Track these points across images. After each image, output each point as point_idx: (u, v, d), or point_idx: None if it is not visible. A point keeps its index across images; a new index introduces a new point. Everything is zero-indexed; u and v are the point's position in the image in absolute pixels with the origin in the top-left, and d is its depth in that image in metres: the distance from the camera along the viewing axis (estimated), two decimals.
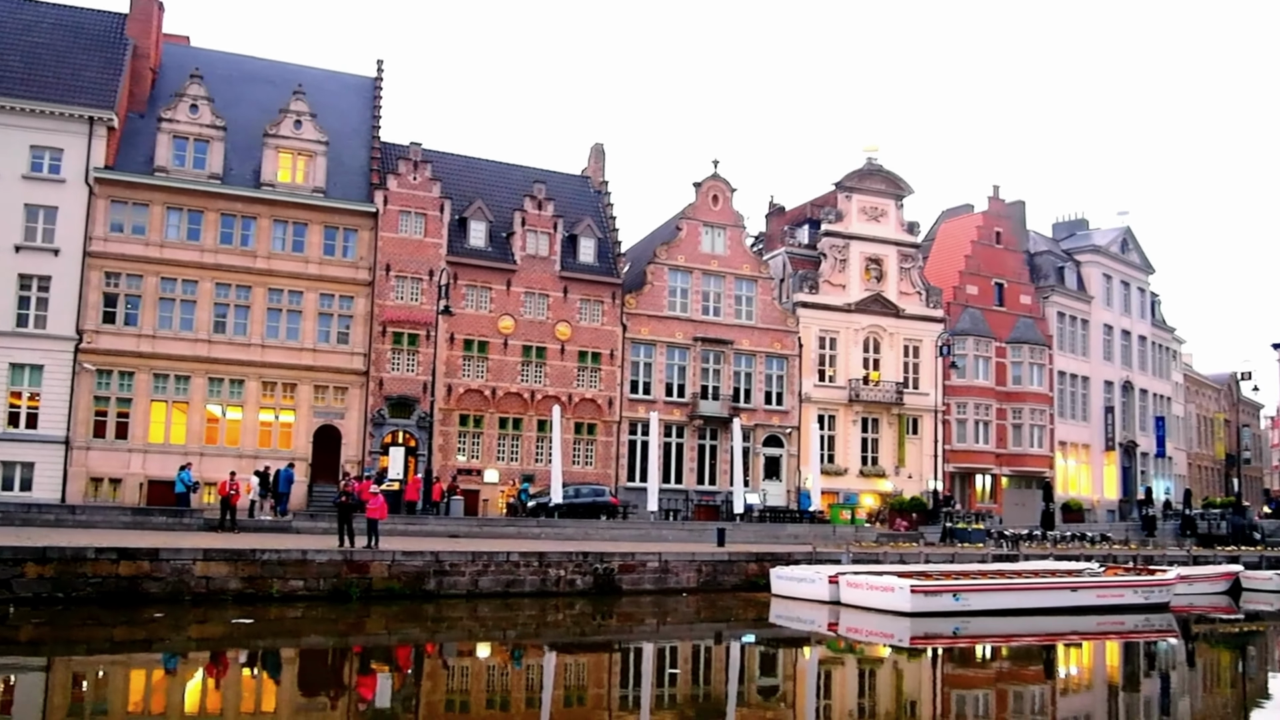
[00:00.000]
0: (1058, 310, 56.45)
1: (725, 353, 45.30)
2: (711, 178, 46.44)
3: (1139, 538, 47.11)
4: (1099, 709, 16.83)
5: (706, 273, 45.60)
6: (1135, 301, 63.01)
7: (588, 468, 42.47)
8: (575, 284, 43.32)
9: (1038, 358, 53.53)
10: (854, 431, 47.80)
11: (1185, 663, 22.40)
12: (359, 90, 45.91)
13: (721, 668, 19.63)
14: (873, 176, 50.17)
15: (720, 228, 46.23)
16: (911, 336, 49.82)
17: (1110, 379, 59.29)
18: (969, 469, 50.97)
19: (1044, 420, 53.22)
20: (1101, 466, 57.87)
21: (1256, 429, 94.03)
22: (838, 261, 48.68)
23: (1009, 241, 55.17)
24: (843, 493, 45.83)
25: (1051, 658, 22.14)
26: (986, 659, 21.50)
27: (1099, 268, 59.91)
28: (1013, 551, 36.30)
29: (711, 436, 44.70)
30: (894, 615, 24.36)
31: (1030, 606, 26.13)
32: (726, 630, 24.06)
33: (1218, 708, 17.26)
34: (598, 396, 43.01)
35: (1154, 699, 17.70)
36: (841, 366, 47.96)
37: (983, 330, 51.81)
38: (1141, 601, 28.40)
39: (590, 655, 20.08)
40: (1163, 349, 66.65)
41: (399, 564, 24.76)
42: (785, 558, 30.47)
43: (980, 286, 53.02)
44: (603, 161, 49.13)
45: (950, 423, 50.36)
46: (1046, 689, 18.49)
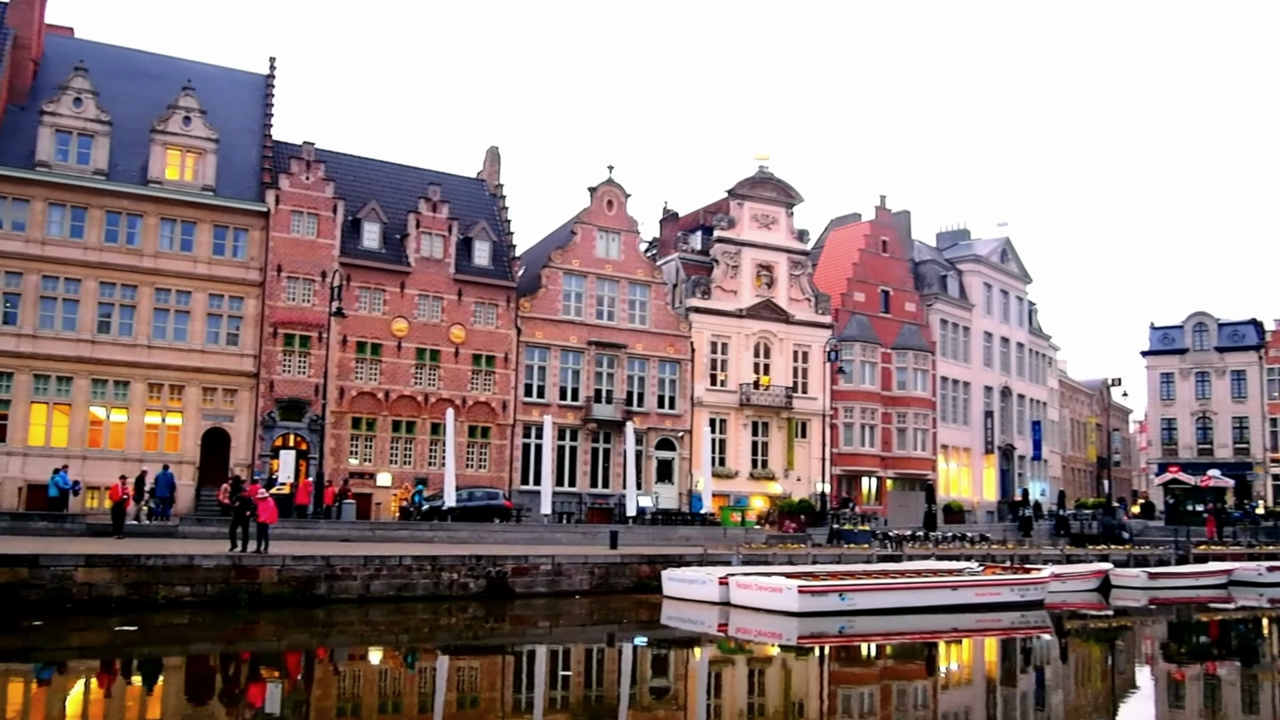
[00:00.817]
0: (941, 318, 58.12)
1: (619, 357, 45.64)
2: (606, 183, 46.75)
3: (1016, 538, 48.80)
4: (978, 704, 17.52)
5: (601, 277, 45.88)
6: (1014, 310, 65.19)
7: (481, 471, 42.38)
8: (470, 287, 43.20)
9: (921, 363, 55.03)
10: (745, 435, 48.57)
11: (1059, 658, 23.39)
12: (250, 87, 45.08)
13: (614, 669, 19.87)
14: (764, 184, 51.04)
15: (615, 233, 46.58)
16: (801, 342, 50.81)
17: (990, 384, 61.23)
18: (855, 472, 52.17)
19: (927, 424, 54.74)
20: (981, 469, 59.73)
21: (1126, 433, 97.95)
22: (730, 268, 49.41)
23: (895, 250, 56.62)
24: (733, 495, 46.53)
25: (933, 655, 22.90)
26: (871, 657, 22.16)
27: (980, 277, 61.85)
28: (896, 552, 37.27)
29: (605, 440, 44.98)
30: (782, 615, 24.90)
31: (913, 605, 26.95)
32: (618, 632, 24.31)
33: (1089, 701, 18.11)
34: (492, 400, 42.95)
35: (1029, 693, 18.49)
36: (733, 371, 48.69)
37: (869, 336, 53.09)
38: (1018, 599, 29.50)
39: (483, 658, 20.16)
40: (1039, 356, 69.06)
41: (289, 569, 24.49)
42: (677, 560, 30.86)
43: (867, 294, 54.33)
44: (498, 165, 49.07)
45: (838, 426, 51.47)
46: (928, 685, 19.17)
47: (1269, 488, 69.02)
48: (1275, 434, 69.83)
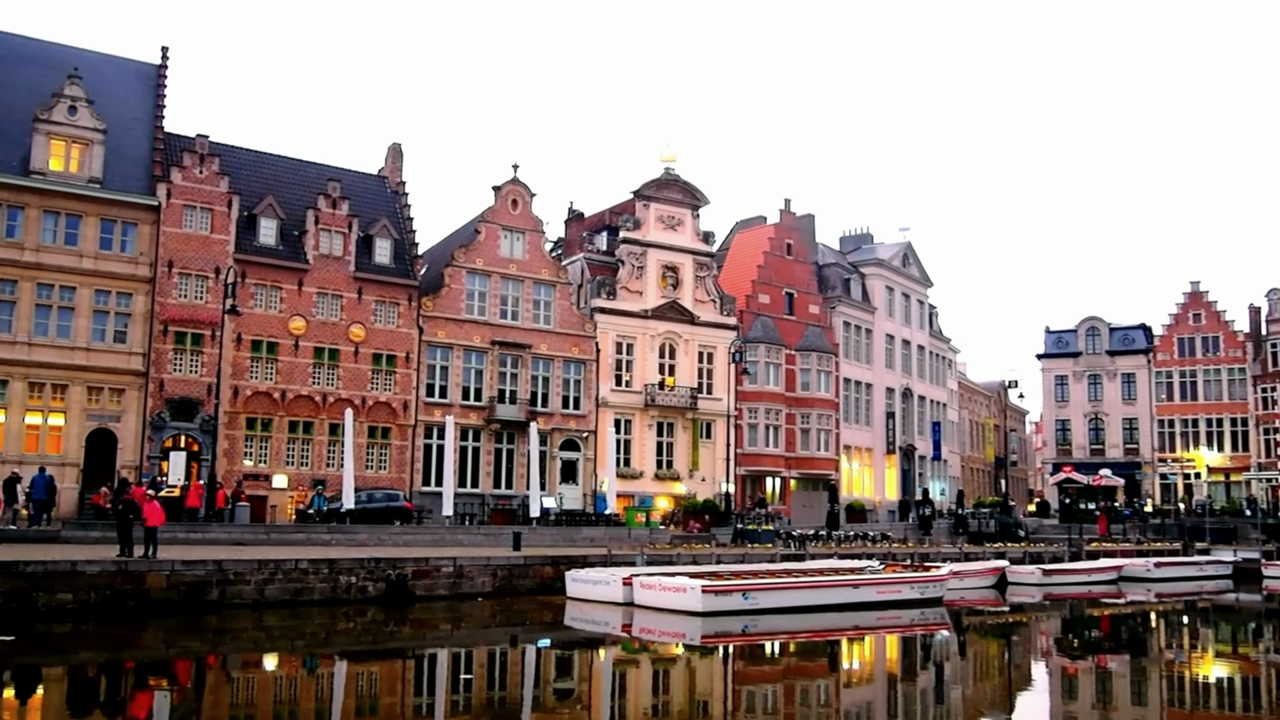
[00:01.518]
0: (844, 320, 58.79)
1: (523, 357, 45.20)
2: (511, 182, 46.28)
3: (917, 536, 49.56)
4: (879, 700, 17.61)
5: (505, 277, 45.39)
6: (915, 313, 66.27)
7: (382, 472, 41.58)
8: (370, 285, 42.36)
9: (825, 365, 55.59)
10: (650, 435, 48.50)
11: (958, 653, 23.72)
12: (142, 77, 43.62)
13: (517, 672, 19.57)
14: (670, 186, 51.05)
15: (519, 232, 46.12)
16: (706, 343, 50.93)
17: (892, 386, 62.14)
18: (759, 472, 52.46)
19: (830, 425, 55.31)
20: (883, 469, 60.57)
21: (1022, 433, 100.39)
22: (635, 269, 49.31)
23: (799, 253, 57.12)
24: (638, 496, 46.41)
25: (836, 652, 23.04)
26: (775, 655, 22.19)
27: (882, 280, 62.75)
28: (800, 551, 37.55)
29: (509, 440, 44.50)
30: (686, 615, 24.86)
31: (816, 604, 27.15)
32: (522, 634, 24.01)
33: (987, 695, 18.33)
34: (393, 400, 42.17)
35: (929, 689, 18.65)
36: (638, 371, 48.59)
37: (774, 338, 53.45)
38: (918, 597, 29.90)
39: (383, 663, 19.71)
40: (939, 358, 70.34)
41: (179, 574, 23.68)
42: (581, 561, 30.66)
43: (772, 296, 54.69)
44: (400, 162, 48.26)
45: (742, 427, 51.69)
46: (831, 682, 19.23)
47: (1157, 486, 71.27)
48: (1163, 435, 72.12)
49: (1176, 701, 18.37)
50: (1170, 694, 19.08)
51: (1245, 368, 70.07)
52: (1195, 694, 19.15)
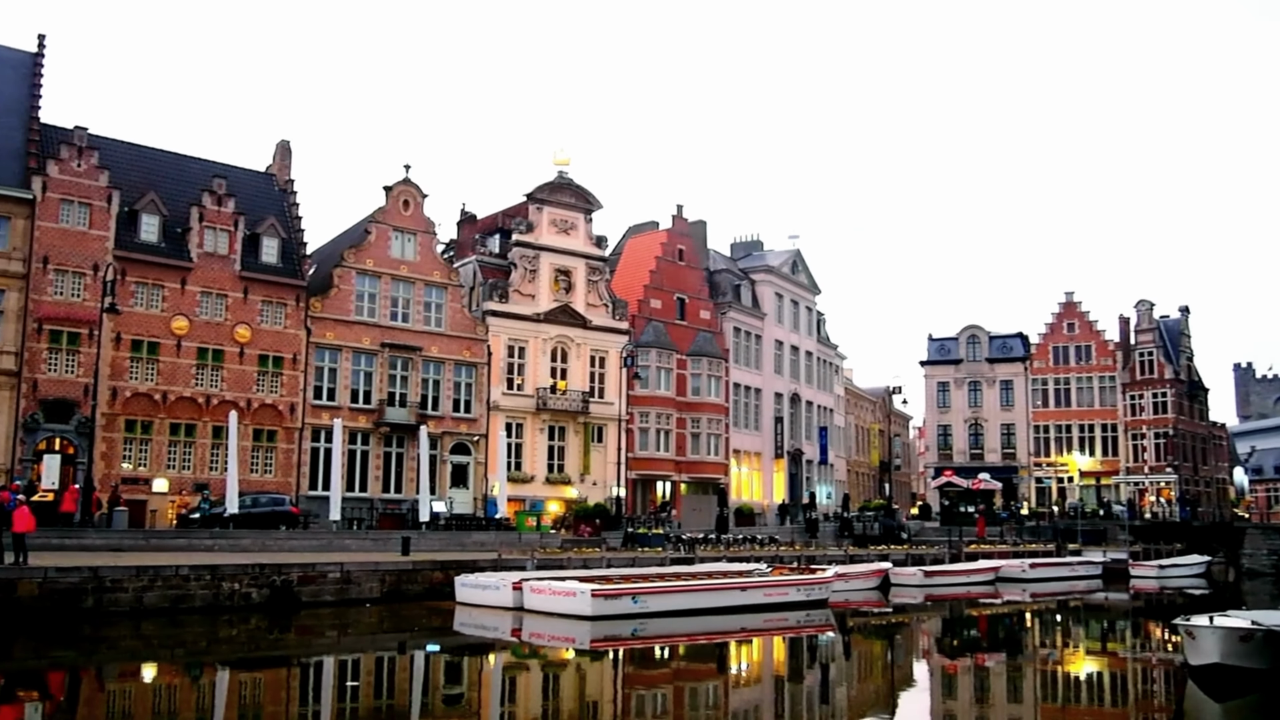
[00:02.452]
0: (734, 325, 59.50)
1: (413, 359, 44.72)
2: (403, 182, 45.76)
3: (803, 539, 50.41)
4: (766, 701, 17.90)
5: (396, 278, 44.86)
6: (803, 319, 67.40)
7: (267, 476, 40.71)
8: (257, 285, 41.45)
9: (715, 370, 56.17)
10: (541, 439, 48.40)
11: (842, 654, 24.21)
12: (16, 66, 41.97)
13: (405, 678, 19.38)
14: (563, 190, 51.05)
15: (411, 233, 45.63)
16: (598, 347, 51.05)
17: (780, 391, 63.09)
18: (650, 476, 52.75)
19: (720, 429, 55.88)
20: (772, 473, 61.43)
21: (906, 438, 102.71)
22: (528, 272, 49.18)
23: (691, 259, 57.62)
24: (529, 500, 46.28)
25: (724, 654, 23.31)
26: (665, 658, 22.38)
27: (772, 287, 63.67)
28: (689, 555, 37.87)
29: (398, 444, 43.97)
30: (576, 619, 24.90)
31: (705, 606, 27.42)
32: (410, 640, 23.75)
33: (870, 694, 18.76)
34: (279, 402, 41.33)
35: (815, 689, 19.02)
36: (530, 375, 48.46)
37: (665, 343, 53.83)
38: (804, 599, 30.42)
39: (266, 672, 19.32)
40: (827, 364, 71.63)
41: (52, 581, 22.87)
42: (471, 565, 30.49)
43: (664, 301, 55.07)
44: (289, 159, 47.34)
45: (634, 431, 51.94)
46: (720, 684, 19.47)
47: (1032, 490, 73.70)
48: (1039, 440, 74.61)
49: (1050, 698, 19.05)
50: (1044, 691, 19.78)
51: (1115, 376, 72.95)
52: (1067, 690, 19.89)
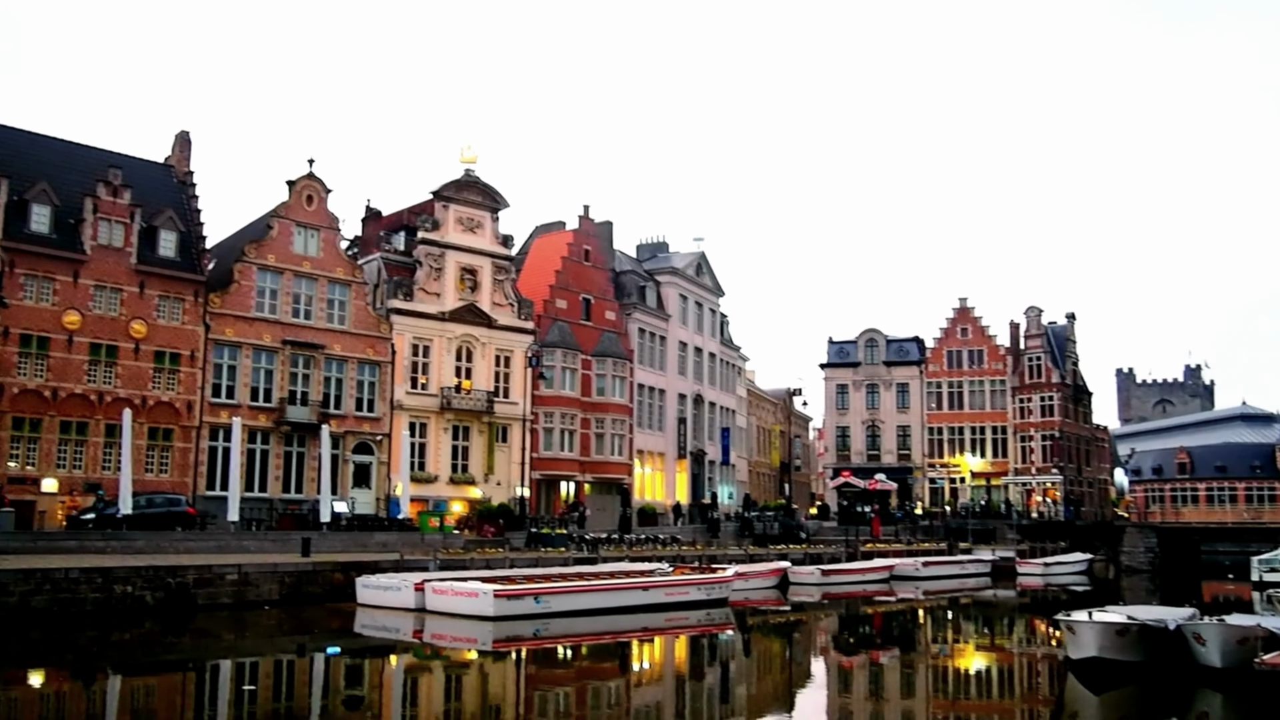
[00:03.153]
0: (639, 326, 59.87)
1: (316, 357, 44.15)
2: (307, 177, 45.13)
3: (705, 539, 51.03)
4: (668, 699, 18.21)
5: (298, 274, 44.22)
6: (707, 321, 68.08)
7: (163, 476, 39.81)
8: (153, 279, 40.50)
9: (620, 371, 56.47)
10: (445, 439, 48.15)
11: (742, 652, 24.69)
12: None
13: (304, 681, 19.27)
14: (470, 188, 50.83)
15: (314, 229, 45.02)
16: (503, 347, 50.96)
17: (684, 392, 63.66)
18: (555, 476, 52.82)
19: (624, 430, 56.19)
20: (674, 473, 61.95)
21: (806, 439, 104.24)
22: (433, 270, 48.87)
23: (597, 259, 57.84)
24: (433, 500, 46.01)
25: (626, 653, 23.59)
26: (567, 658, 22.59)
27: (676, 288, 64.21)
28: (592, 555, 38.12)
29: (299, 443, 43.37)
30: (478, 620, 24.96)
31: (607, 606, 27.68)
32: (310, 642, 23.57)
33: (769, 691, 19.21)
34: (176, 400, 40.45)
35: (715, 687, 19.41)
36: (434, 374, 48.17)
37: (571, 343, 53.95)
38: (705, 598, 30.88)
39: (160, 677, 19.03)
40: (730, 365, 72.43)
41: None
42: (372, 566, 30.31)
43: (569, 301, 55.19)
44: (189, 151, 46.29)
45: (538, 431, 51.97)
46: (622, 683, 19.74)
47: (926, 490, 75.57)
48: (933, 441, 76.53)
49: (941, 692, 19.71)
50: (935, 685, 20.46)
51: (1005, 380, 75.21)
52: (957, 684, 20.60)
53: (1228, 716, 16.55)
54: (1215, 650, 18.18)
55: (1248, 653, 17.50)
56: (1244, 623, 19.28)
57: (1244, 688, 16.68)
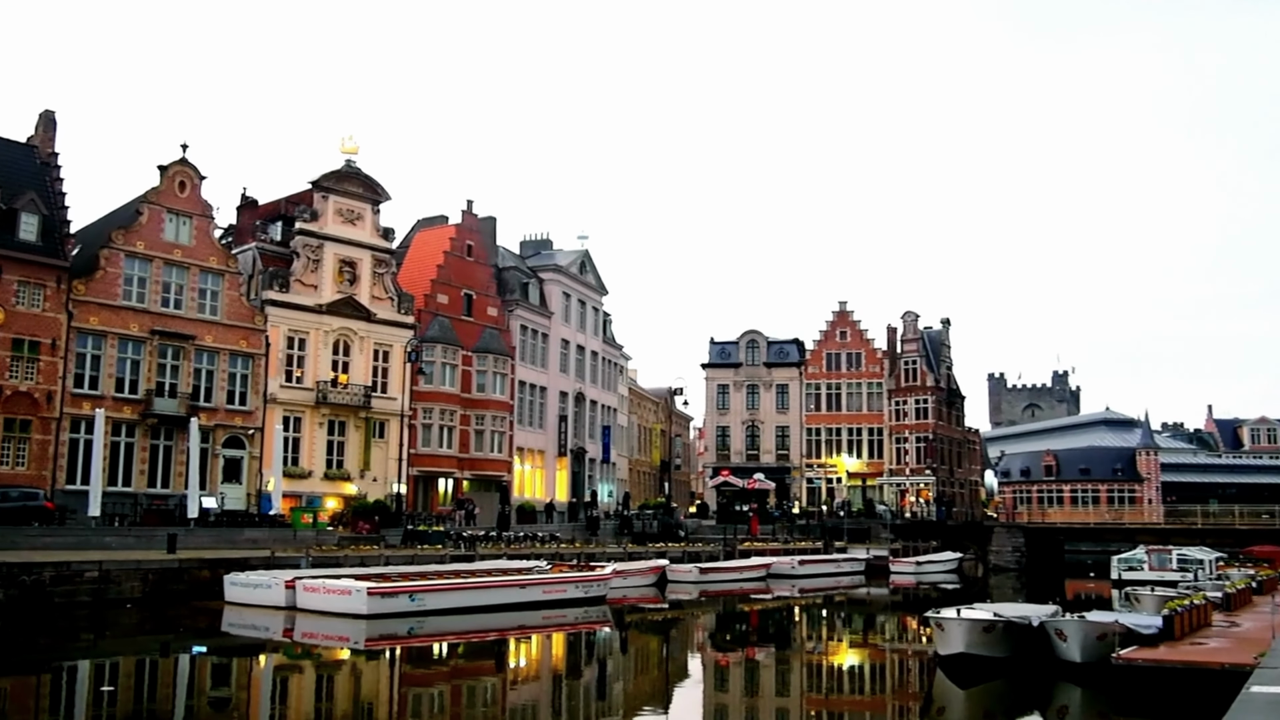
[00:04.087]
0: (521, 323, 59.51)
1: (186, 348, 42.74)
2: (179, 162, 43.65)
3: (584, 537, 50.97)
4: (544, 697, 18.09)
5: (169, 262, 42.75)
6: (590, 319, 68.05)
7: (20, 469, 38.03)
8: (12, 264, 38.67)
9: (501, 367, 56.02)
10: (320, 434, 47.12)
11: (619, 650, 24.69)
12: None
13: (168, 682, 18.61)
14: (351, 179, 49.84)
15: (186, 216, 43.59)
16: (382, 341, 50.10)
17: (565, 390, 63.51)
18: (433, 473, 52.15)
19: (504, 427, 55.78)
20: (555, 471, 61.75)
21: (686, 439, 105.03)
22: (311, 261, 47.78)
23: (480, 255, 57.28)
24: (306, 496, 44.99)
25: (503, 652, 23.40)
26: (442, 656, 22.28)
27: (560, 286, 64.02)
28: (469, 552, 37.75)
29: (166, 436, 41.92)
30: (351, 618, 24.48)
31: (484, 604, 27.43)
32: (174, 642, 22.80)
33: (647, 689, 19.23)
34: (35, 390, 38.68)
35: (592, 685, 19.36)
36: (310, 368, 47.10)
37: (451, 339, 53.32)
38: (582, 595, 30.82)
39: (11, 679, 18.16)
40: (612, 364, 72.54)
41: None
42: (242, 563, 29.48)
43: (451, 296, 54.54)
44: (53, 131, 44.30)
45: (416, 427, 51.23)
46: (498, 682, 19.54)
47: (804, 490, 76.80)
48: (811, 442, 77.82)
49: (815, 688, 20.01)
50: (809, 681, 20.76)
51: (882, 382, 76.91)
52: (830, 680, 20.94)
53: (1086, 709, 17.12)
54: (1076, 646, 18.82)
55: (1106, 648, 18.14)
56: (1103, 619, 20.02)
57: (1102, 682, 17.29)
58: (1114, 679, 16.48)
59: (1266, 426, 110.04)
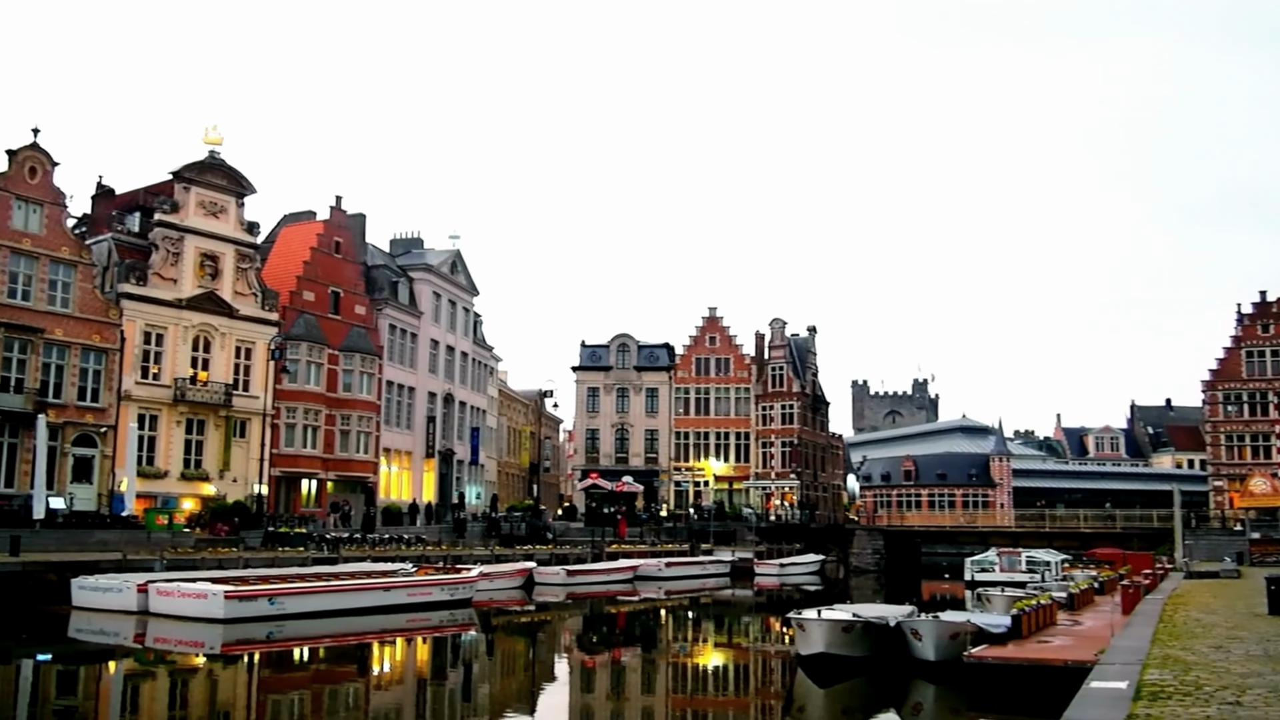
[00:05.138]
0: (390, 323, 58.59)
1: (34, 341, 40.82)
2: (30, 147, 41.69)
3: (451, 539, 50.48)
4: (408, 702, 17.87)
5: (17, 252, 40.78)
6: (460, 320, 67.41)
7: None
8: None
9: (368, 367, 55.06)
10: (178, 433, 45.56)
11: (485, 653, 24.55)
12: None
13: (9, 691, 17.77)
14: (214, 170, 48.33)
15: (37, 204, 41.66)
16: (245, 338, 48.72)
17: (434, 391, 62.76)
18: (296, 473, 50.92)
19: (371, 427, 54.83)
20: (422, 472, 60.95)
21: (556, 441, 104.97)
22: (171, 254, 46.19)
23: (348, 252, 56.21)
24: (162, 497, 43.41)
25: (366, 656, 23.03)
26: (304, 661, 21.82)
27: (430, 285, 63.25)
28: (333, 555, 37.05)
29: (11, 433, 39.96)
30: (207, 623, 23.79)
31: (347, 607, 26.95)
32: (16, 649, 21.79)
33: (513, 691, 19.16)
34: None
35: (457, 688, 19.20)
36: (168, 364, 45.50)
37: (317, 337, 52.18)
38: (448, 598, 30.56)
39: None
40: (481, 365, 71.98)
41: None
42: (92, 566, 28.36)
43: (317, 293, 53.38)
44: None
45: (279, 427, 49.97)
46: (360, 686, 19.23)
47: (672, 493, 77.46)
48: (679, 445, 78.55)
49: (680, 689, 20.22)
50: (675, 682, 20.97)
51: (750, 388, 78.13)
52: (696, 681, 21.19)
53: (939, 706, 17.71)
54: (930, 644, 19.45)
55: (958, 647, 18.79)
56: (955, 619, 20.75)
57: (955, 679, 17.89)
58: (966, 676, 17.08)
59: (1110, 435, 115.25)
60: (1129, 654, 13.20)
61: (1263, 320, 64.01)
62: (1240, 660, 12.46)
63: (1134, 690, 10.17)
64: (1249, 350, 63.95)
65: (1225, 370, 64.25)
